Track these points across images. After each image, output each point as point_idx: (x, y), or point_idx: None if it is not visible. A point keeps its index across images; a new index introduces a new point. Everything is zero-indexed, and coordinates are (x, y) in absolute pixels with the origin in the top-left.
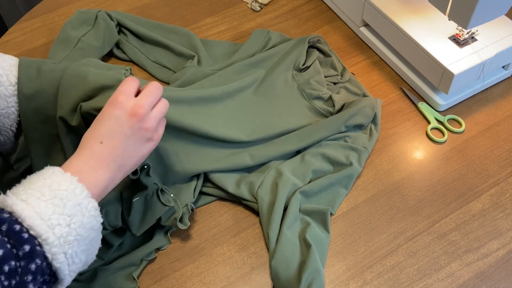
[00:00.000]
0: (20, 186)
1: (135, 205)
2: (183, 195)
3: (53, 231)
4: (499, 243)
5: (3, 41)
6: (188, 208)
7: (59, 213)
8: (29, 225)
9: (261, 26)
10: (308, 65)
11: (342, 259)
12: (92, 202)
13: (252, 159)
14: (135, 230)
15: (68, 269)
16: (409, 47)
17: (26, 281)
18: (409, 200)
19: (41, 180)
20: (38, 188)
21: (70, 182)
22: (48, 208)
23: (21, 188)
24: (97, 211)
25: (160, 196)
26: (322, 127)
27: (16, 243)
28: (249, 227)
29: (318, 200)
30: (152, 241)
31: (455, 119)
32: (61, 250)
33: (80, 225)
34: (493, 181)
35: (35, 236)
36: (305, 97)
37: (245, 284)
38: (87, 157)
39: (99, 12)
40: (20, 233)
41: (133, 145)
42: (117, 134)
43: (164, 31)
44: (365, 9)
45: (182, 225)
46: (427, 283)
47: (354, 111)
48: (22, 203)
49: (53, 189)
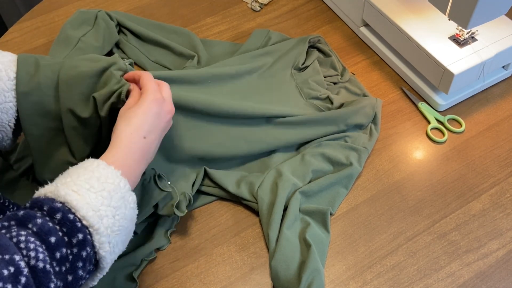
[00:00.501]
0: (67, 177)
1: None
2: (181, 184)
3: (102, 222)
4: (499, 243)
5: (3, 41)
6: (185, 196)
7: (107, 205)
8: (82, 216)
9: (261, 26)
10: (307, 65)
11: (342, 259)
12: (132, 195)
13: (249, 144)
14: None
15: (110, 257)
16: (409, 47)
17: (77, 267)
18: (409, 200)
19: (88, 172)
20: (87, 180)
21: (115, 176)
22: (97, 200)
23: (69, 179)
24: (135, 204)
25: (158, 182)
26: (323, 120)
27: (69, 231)
28: (249, 227)
29: (318, 200)
30: (152, 241)
31: (455, 119)
32: (107, 239)
33: (123, 216)
34: (493, 181)
35: (87, 226)
36: (302, 96)
37: (245, 284)
38: (131, 152)
39: (99, 12)
40: (74, 222)
41: (161, 137)
42: (157, 129)
43: (164, 31)
44: (365, 9)
45: (179, 212)
46: (427, 283)
47: (355, 110)
48: (74, 194)
49: (102, 182)
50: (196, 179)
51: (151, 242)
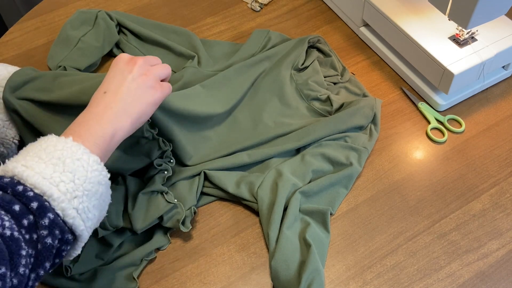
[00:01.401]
0: (18, 156)
1: (139, 199)
2: (186, 198)
3: (57, 188)
4: (499, 243)
5: (3, 41)
6: (191, 211)
7: (60, 171)
8: (32, 184)
9: (261, 26)
10: (307, 65)
11: (342, 259)
12: (92, 157)
13: (250, 157)
14: (138, 225)
15: (84, 225)
16: (409, 47)
17: (43, 235)
18: (409, 200)
19: (37, 146)
20: (35, 153)
21: (64, 142)
22: (48, 168)
23: (20, 157)
24: (100, 165)
25: (165, 196)
26: (321, 126)
27: (25, 201)
28: (249, 227)
29: (318, 200)
30: (152, 241)
31: (455, 119)
32: (70, 205)
33: (85, 180)
34: (493, 181)
35: (40, 194)
36: (303, 98)
37: (245, 284)
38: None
39: (99, 12)
40: (25, 192)
41: (136, 90)
42: (121, 81)
43: (164, 31)
44: (365, 9)
45: (184, 228)
46: (427, 283)
47: (353, 111)
48: (22, 166)
49: (49, 151)
50: (198, 184)
51: (151, 241)
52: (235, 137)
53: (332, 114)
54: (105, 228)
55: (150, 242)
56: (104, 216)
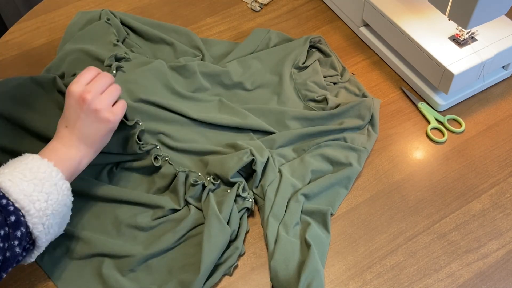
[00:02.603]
0: (5, 169)
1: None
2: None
3: (33, 205)
4: (499, 243)
5: (3, 41)
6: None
7: (38, 191)
8: (15, 199)
9: (261, 26)
10: (307, 65)
11: (342, 259)
12: (66, 183)
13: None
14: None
15: (45, 237)
16: (409, 47)
17: (14, 245)
18: (409, 200)
19: (23, 164)
20: (21, 171)
21: (47, 166)
22: (29, 187)
23: (7, 170)
24: (69, 191)
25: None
26: (313, 118)
27: (5, 213)
28: (249, 227)
29: (318, 200)
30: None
31: (455, 119)
32: (40, 221)
33: (56, 201)
34: (493, 181)
35: (19, 208)
36: (300, 98)
37: (245, 284)
38: (59, 140)
39: (103, 11)
40: (7, 206)
41: (91, 126)
42: (76, 118)
43: (165, 30)
44: (365, 9)
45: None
46: (427, 283)
47: (348, 107)
48: (8, 181)
49: (34, 172)
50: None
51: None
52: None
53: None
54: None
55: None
56: (61, 233)
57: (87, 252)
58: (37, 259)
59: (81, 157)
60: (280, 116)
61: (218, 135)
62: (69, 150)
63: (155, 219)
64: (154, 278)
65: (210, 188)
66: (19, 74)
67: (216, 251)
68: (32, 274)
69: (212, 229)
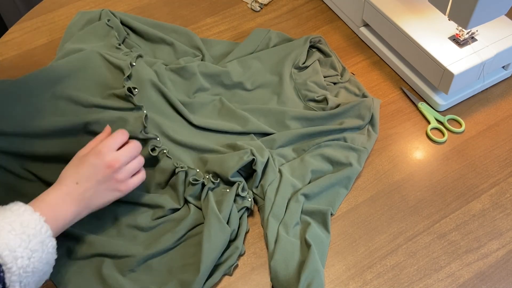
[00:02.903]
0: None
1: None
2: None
3: (16, 262)
4: (499, 243)
5: (3, 41)
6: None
7: (24, 247)
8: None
9: (261, 26)
10: (307, 65)
11: (342, 259)
12: (52, 241)
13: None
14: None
15: None
16: (409, 47)
17: None
18: (409, 200)
19: (14, 216)
20: (10, 222)
21: (38, 222)
22: (16, 242)
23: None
24: (54, 249)
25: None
26: (313, 118)
27: None
28: (249, 227)
29: (318, 200)
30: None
31: (455, 119)
32: (19, 279)
33: (39, 259)
34: (493, 181)
35: (1, 264)
36: (300, 98)
37: (245, 284)
38: (62, 193)
39: (103, 11)
40: None
41: (102, 191)
42: (92, 179)
43: (165, 30)
44: (365, 9)
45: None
46: (427, 283)
47: (348, 108)
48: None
49: (24, 226)
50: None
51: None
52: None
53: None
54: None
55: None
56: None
57: (87, 252)
58: None
59: (76, 216)
60: (280, 116)
61: (219, 137)
62: (69, 208)
63: (155, 219)
64: (154, 278)
65: (209, 186)
66: (19, 74)
67: (216, 251)
68: None
69: (212, 228)
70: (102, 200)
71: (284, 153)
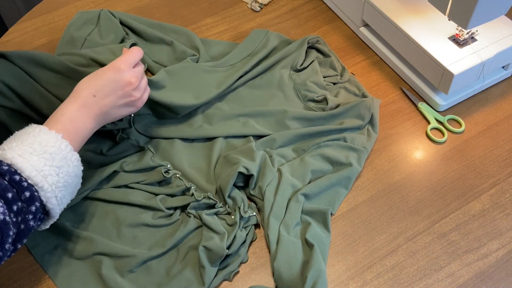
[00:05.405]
0: (12, 142)
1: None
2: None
3: (46, 180)
4: (499, 243)
5: (3, 41)
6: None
7: (49, 165)
8: (27, 176)
9: (261, 26)
10: (305, 66)
11: (342, 259)
12: (74, 155)
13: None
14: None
15: (58, 208)
16: (409, 47)
17: (28, 219)
18: (409, 200)
19: (31, 137)
20: (30, 144)
21: (56, 139)
22: (40, 162)
23: (14, 144)
24: (79, 162)
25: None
26: (314, 118)
27: (18, 189)
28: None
29: (318, 200)
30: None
31: (455, 119)
32: (53, 194)
33: (67, 174)
34: (493, 181)
35: (32, 184)
36: (300, 98)
37: (245, 284)
38: (79, 106)
39: (102, 11)
40: (21, 182)
41: (119, 107)
42: (111, 94)
43: (164, 30)
44: (365, 9)
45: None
46: (427, 283)
47: (348, 108)
48: (19, 157)
49: (43, 146)
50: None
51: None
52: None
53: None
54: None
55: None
56: (70, 200)
57: (87, 252)
58: (37, 259)
59: (91, 129)
60: (280, 116)
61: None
62: (86, 121)
63: (155, 220)
64: (153, 279)
65: (214, 207)
66: None
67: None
68: (32, 274)
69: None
70: (118, 114)
71: (284, 153)
